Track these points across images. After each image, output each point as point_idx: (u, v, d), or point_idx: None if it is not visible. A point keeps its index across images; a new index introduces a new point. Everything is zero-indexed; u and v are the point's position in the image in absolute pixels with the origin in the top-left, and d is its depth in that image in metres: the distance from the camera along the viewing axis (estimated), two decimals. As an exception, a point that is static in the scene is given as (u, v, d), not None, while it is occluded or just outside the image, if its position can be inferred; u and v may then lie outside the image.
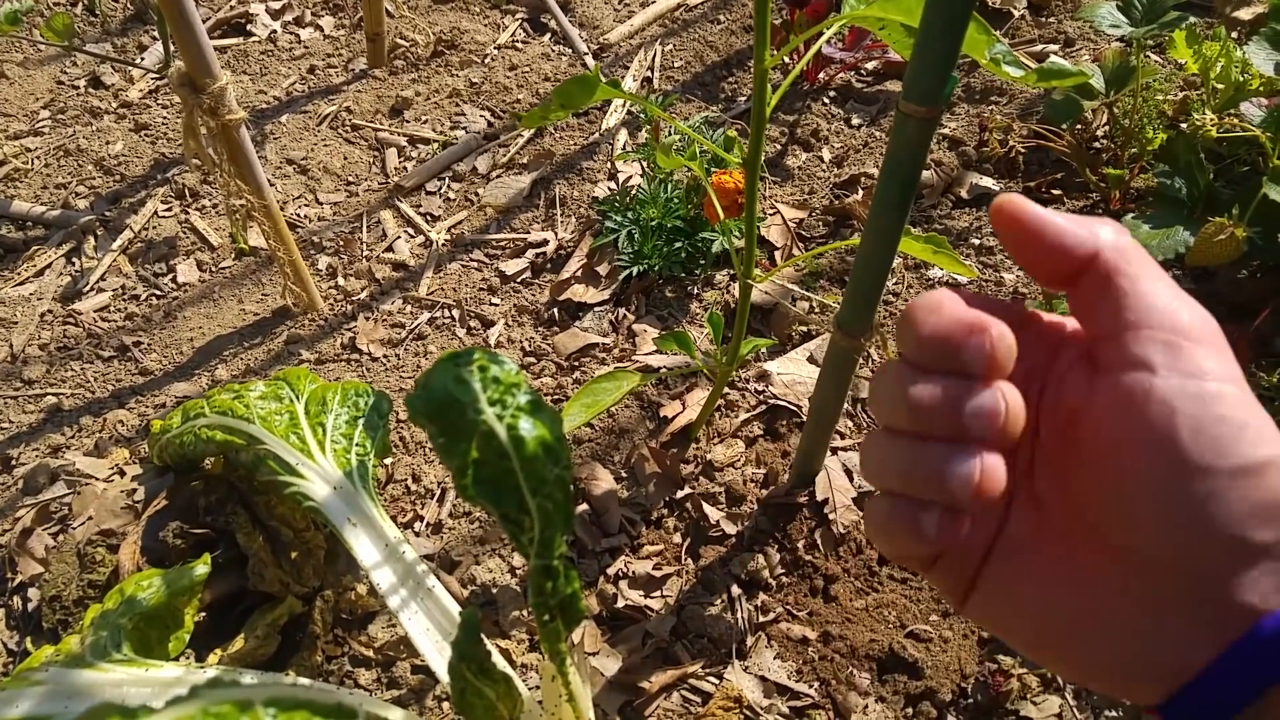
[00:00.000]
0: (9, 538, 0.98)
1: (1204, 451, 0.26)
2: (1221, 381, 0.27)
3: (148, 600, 0.78)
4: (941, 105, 0.54)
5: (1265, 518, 0.25)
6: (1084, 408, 0.29)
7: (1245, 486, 0.26)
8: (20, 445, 1.09)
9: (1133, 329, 0.28)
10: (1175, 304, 0.28)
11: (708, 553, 0.93)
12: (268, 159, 1.41)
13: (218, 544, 0.91)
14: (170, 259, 1.29)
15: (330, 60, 1.58)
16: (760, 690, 0.84)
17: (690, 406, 1.04)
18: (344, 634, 0.89)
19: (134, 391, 1.14)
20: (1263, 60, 0.99)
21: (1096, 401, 0.29)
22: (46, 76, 1.58)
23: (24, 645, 0.91)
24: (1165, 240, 0.98)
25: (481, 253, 1.27)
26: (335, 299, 1.23)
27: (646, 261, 1.17)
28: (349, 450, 0.86)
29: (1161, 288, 0.28)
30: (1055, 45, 1.44)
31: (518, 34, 1.61)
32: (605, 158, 1.37)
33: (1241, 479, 0.26)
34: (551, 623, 0.51)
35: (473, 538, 0.96)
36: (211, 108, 0.94)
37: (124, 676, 0.70)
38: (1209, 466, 0.26)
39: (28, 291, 1.26)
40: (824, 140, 1.36)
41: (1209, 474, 0.26)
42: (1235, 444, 0.26)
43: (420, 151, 1.43)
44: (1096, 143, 1.25)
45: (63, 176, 1.41)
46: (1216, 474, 0.26)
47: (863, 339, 0.72)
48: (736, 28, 1.56)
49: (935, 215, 1.24)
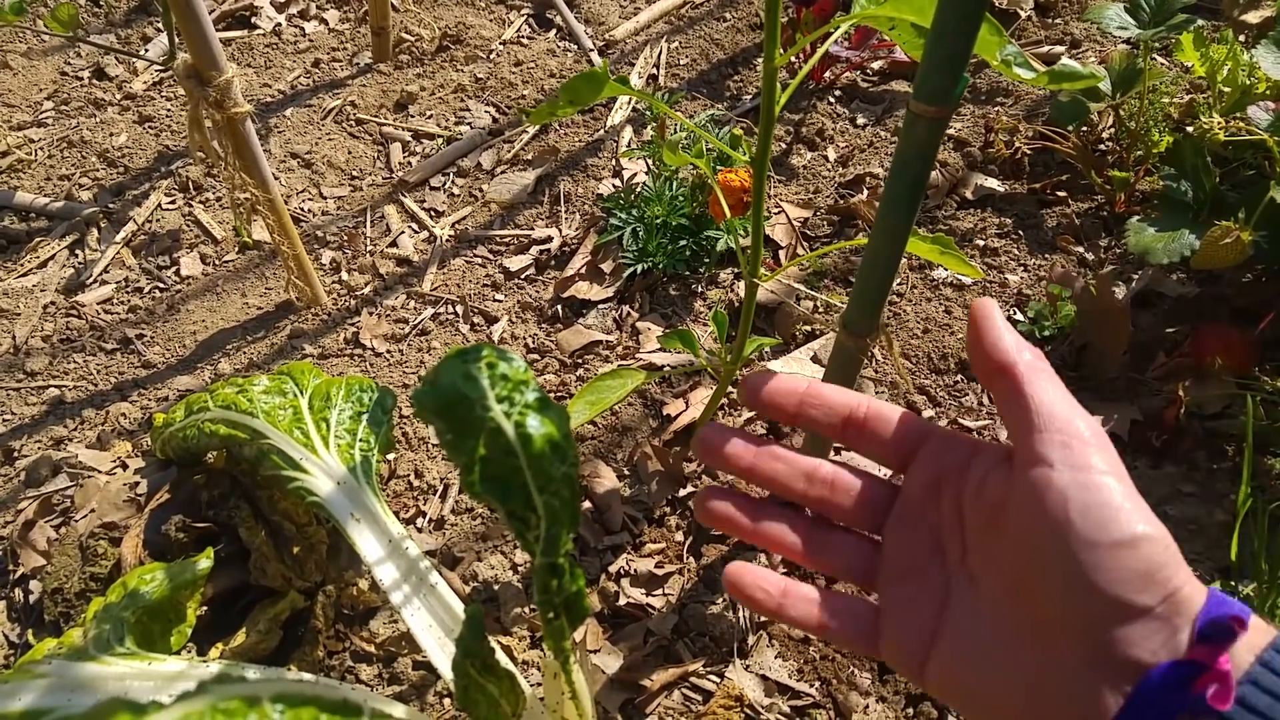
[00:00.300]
0: (11, 530, 0.98)
1: (1089, 529, 0.32)
2: (1104, 474, 0.33)
3: (150, 594, 0.78)
4: (952, 105, 0.54)
5: (1143, 583, 0.31)
6: (1004, 499, 0.36)
7: (1123, 557, 0.32)
8: (22, 437, 1.09)
9: (1037, 431, 0.35)
10: (1071, 412, 0.35)
11: (710, 551, 0.93)
12: (272, 153, 1.41)
13: (220, 538, 0.91)
14: (173, 252, 1.29)
15: (335, 54, 1.58)
16: (761, 689, 0.84)
17: (694, 405, 1.04)
18: (346, 629, 0.89)
19: (137, 384, 1.14)
20: (1270, 64, 0.99)
21: (1013, 493, 0.35)
22: (50, 67, 1.57)
23: (25, 638, 0.91)
24: (1171, 243, 0.98)
25: (485, 249, 1.27)
26: (339, 294, 1.23)
27: (651, 259, 1.16)
28: (353, 445, 0.86)
29: (1061, 399, 0.36)
30: (1062, 47, 1.44)
31: (523, 30, 1.61)
32: (610, 155, 1.37)
33: (1119, 550, 0.32)
34: (556, 620, 0.51)
35: (475, 534, 0.96)
36: (217, 100, 0.94)
37: (127, 670, 0.70)
38: (1094, 541, 0.32)
39: (31, 283, 1.26)
40: (829, 140, 1.36)
41: (1094, 547, 0.32)
42: (1114, 523, 0.32)
43: (425, 147, 1.42)
44: (1102, 145, 1.25)
45: (66, 168, 1.41)
46: (1099, 547, 0.32)
47: (868, 339, 0.72)
48: (743, 25, 1.56)
49: (940, 216, 1.24)
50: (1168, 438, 0.97)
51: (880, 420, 0.42)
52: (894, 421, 0.42)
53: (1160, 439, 0.98)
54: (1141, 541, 0.32)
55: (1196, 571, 0.88)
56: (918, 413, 1.04)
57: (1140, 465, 0.97)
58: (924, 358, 1.09)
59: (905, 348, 1.10)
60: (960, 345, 1.09)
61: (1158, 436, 0.98)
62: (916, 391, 1.06)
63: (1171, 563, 0.32)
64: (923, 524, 0.41)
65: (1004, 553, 0.36)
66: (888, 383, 1.07)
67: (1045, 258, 1.17)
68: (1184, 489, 0.95)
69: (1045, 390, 0.36)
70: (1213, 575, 0.88)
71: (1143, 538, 0.32)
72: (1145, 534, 0.32)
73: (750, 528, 0.43)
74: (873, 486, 0.43)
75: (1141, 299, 1.09)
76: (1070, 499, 0.33)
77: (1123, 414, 1.00)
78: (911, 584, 0.40)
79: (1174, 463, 0.97)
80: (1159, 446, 0.97)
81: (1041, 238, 1.20)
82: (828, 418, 0.42)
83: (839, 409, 0.42)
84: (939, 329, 1.11)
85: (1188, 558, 0.89)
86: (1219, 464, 0.97)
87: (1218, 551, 0.89)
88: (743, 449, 0.44)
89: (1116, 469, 0.34)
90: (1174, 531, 0.94)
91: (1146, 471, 0.96)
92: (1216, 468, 0.96)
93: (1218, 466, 0.96)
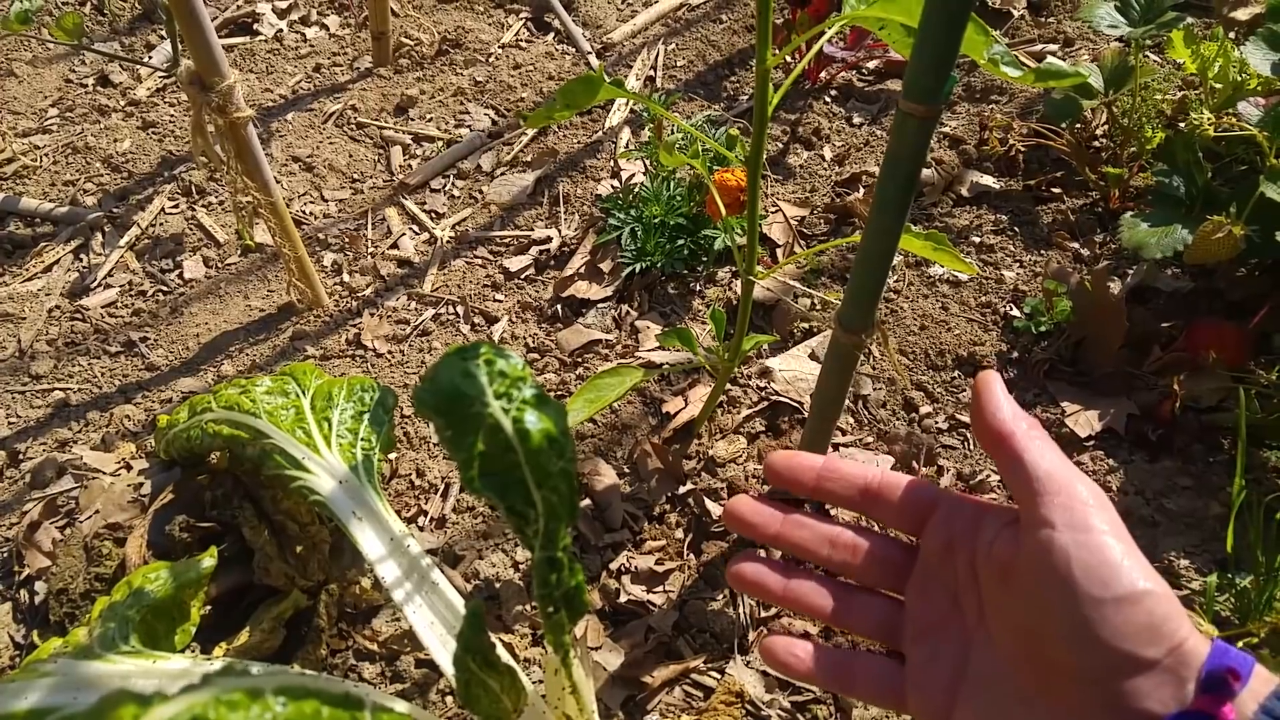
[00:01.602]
0: (17, 531, 0.99)
1: (1093, 586, 0.34)
2: (1105, 534, 0.35)
3: (155, 593, 0.79)
4: (941, 104, 0.55)
5: (1148, 637, 0.33)
6: (1013, 558, 0.38)
7: (1127, 612, 0.33)
8: (28, 440, 1.10)
9: (1039, 495, 0.37)
10: (1070, 476, 0.37)
11: (710, 548, 0.94)
12: (274, 156, 1.42)
13: (223, 538, 0.92)
14: (177, 255, 1.30)
15: (336, 59, 1.59)
16: (762, 685, 0.84)
17: (692, 403, 1.05)
18: (348, 628, 0.90)
19: (140, 387, 1.15)
20: (1260, 60, 1.00)
21: (1021, 553, 0.37)
22: (55, 75, 1.58)
23: (31, 638, 0.92)
24: (1164, 238, 0.99)
25: (486, 249, 1.28)
26: (340, 295, 1.24)
27: (649, 258, 1.17)
28: (354, 445, 0.87)
29: (1059, 463, 0.38)
30: (1055, 45, 1.44)
31: (521, 33, 1.62)
32: (608, 156, 1.38)
33: (1123, 606, 0.33)
34: (556, 615, 0.52)
35: (476, 532, 0.97)
36: (220, 106, 0.95)
37: (132, 668, 0.71)
38: (1098, 598, 0.34)
39: (36, 287, 1.27)
40: (825, 139, 1.36)
41: (1099, 604, 0.34)
42: (1116, 579, 0.34)
43: (425, 149, 1.43)
44: (1096, 141, 1.26)
45: (71, 174, 1.42)
46: (1103, 603, 0.34)
47: (864, 336, 0.73)
48: (739, 27, 1.57)
49: (936, 213, 1.25)
50: (1164, 431, 0.98)
51: (892, 489, 0.45)
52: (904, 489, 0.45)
53: (1156, 432, 0.98)
54: (1144, 597, 0.34)
55: (1194, 564, 0.89)
56: (915, 408, 1.04)
57: (1137, 459, 0.98)
58: (921, 354, 1.09)
59: (902, 344, 1.11)
60: (957, 341, 1.10)
61: (1154, 430, 0.98)
62: (914, 388, 1.06)
63: (1175, 616, 0.34)
64: (940, 584, 0.43)
65: (1016, 610, 0.38)
66: (885, 379, 1.08)
67: (1041, 254, 1.18)
68: (1181, 482, 0.95)
69: (1044, 456, 0.38)
70: (1210, 568, 0.88)
71: (1145, 593, 0.34)
72: (1147, 589, 0.34)
73: (780, 592, 0.46)
74: (892, 549, 0.46)
75: (1136, 294, 1.10)
76: (1073, 558, 0.35)
77: (1119, 408, 1.00)
78: (934, 641, 0.42)
79: (1170, 456, 0.97)
80: (1155, 440, 0.98)
81: (1037, 234, 1.20)
82: (845, 490, 0.46)
83: (855, 481, 0.45)
84: (935, 325, 1.12)
85: (1185, 550, 0.90)
86: (1215, 457, 0.97)
87: (1215, 544, 0.90)
88: (769, 517, 0.47)
89: (1117, 528, 0.36)
90: (1171, 524, 0.95)
91: (1143, 465, 0.97)
92: (1212, 460, 0.97)
93: (1214, 459, 0.97)
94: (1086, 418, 1.00)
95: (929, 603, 0.43)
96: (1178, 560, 0.89)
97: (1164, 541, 0.91)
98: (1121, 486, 0.96)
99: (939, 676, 0.41)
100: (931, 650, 0.42)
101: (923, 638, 0.43)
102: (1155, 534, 0.92)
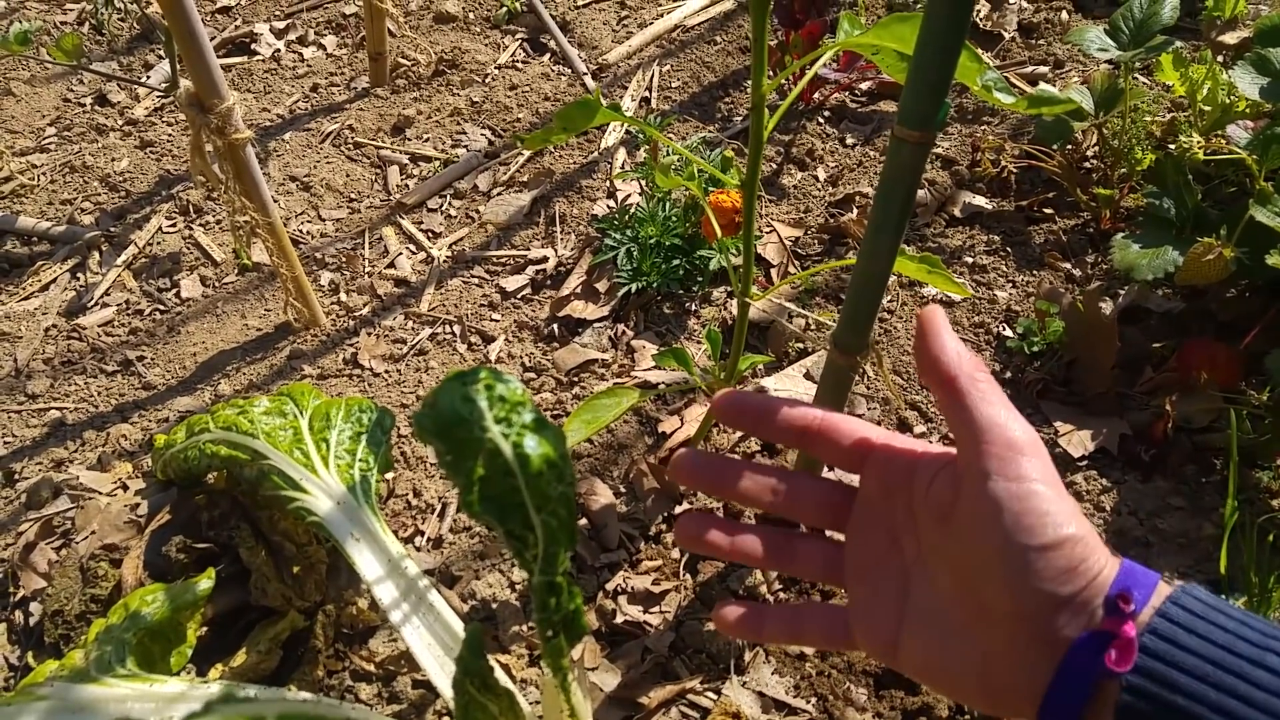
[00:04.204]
0: (12, 552, 0.99)
1: (1021, 533, 0.37)
2: (1036, 482, 0.38)
3: (151, 615, 0.79)
4: (935, 130, 0.56)
5: (1068, 578, 0.37)
6: (950, 502, 0.40)
7: (1051, 557, 0.36)
8: (23, 459, 1.09)
9: (976, 443, 0.39)
10: (1008, 421, 0.39)
11: (706, 568, 0.94)
12: (271, 176, 1.43)
13: (220, 559, 0.92)
14: (174, 274, 1.31)
15: (333, 79, 1.60)
16: (758, 705, 0.84)
17: (689, 422, 1.05)
18: (345, 648, 0.90)
19: (137, 406, 1.15)
20: (1248, 84, 1.01)
21: (958, 498, 0.40)
22: (53, 94, 1.59)
23: (25, 660, 0.92)
24: (1155, 260, 1.00)
25: (482, 269, 1.29)
26: (337, 314, 1.24)
27: (645, 279, 1.18)
28: (352, 465, 0.87)
29: (999, 410, 0.39)
30: (1045, 67, 1.46)
31: (518, 54, 1.63)
32: (604, 176, 1.39)
33: (1048, 552, 0.36)
34: (555, 639, 0.52)
35: (473, 553, 0.97)
36: (219, 127, 0.96)
37: (128, 691, 0.71)
38: (1025, 544, 0.37)
39: (32, 306, 1.27)
40: (819, 160, 1.38)
41: (1026, 550, 0.37)
42: (1043, 528, 0.37)
43: (422, 169, 1.44)
44: (1087, 163, 1.27)
45: (68, 193, 1.42)
46: (1031, 550, 0.37)
47: (859, 357, 0.73)
48: (733, 49, 1.58)
49: (929, 234, 1.26)
50: (1156, 451, 0.99)
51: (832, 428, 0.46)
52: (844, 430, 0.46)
53: (1149, 453, 0.99)
54: (1065, 542, 0.37)
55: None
56: (910, 429, 1.05)
57: (1129, 479, 0.98)
58: (914, 374, 1.10)
59: (896, 364, 1.12)
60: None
61: (1146, 450, 0.99)
62: (908, 407, 1.07)
63: (1092, 555, 0.37)
64: (879, 524, 0.45)
65: (953, 551, 0.40)
66: (879, 399, 1.08)
67: (1033, 274, 1.19)
68: (1173, 502, 0.96)
69: (983, 402, 0.40)
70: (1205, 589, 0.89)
71: (1067, 539, 0.37)
72: (1070, 535, 0.37)
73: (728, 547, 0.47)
74: (833, 492, 0.48)
75: (1128, 314, 1.11)
76: (1005, 508, 0.37)
77: (1111, 428, 1.01)
78: (874, 579, 0.45)
79: (1163, 476, 0.98)
80: (1148, 460, 0.99)
81: (1029, 254, 1.22)
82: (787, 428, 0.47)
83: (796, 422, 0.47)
84: (930, 345, 1.12)
85: (1178, 571, 0.90)
86: (1207, 477, 0.98)
87: (1208, 564, 0.90)
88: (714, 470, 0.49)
89: (1047, 474, 0.38)
90: (1164, 545, 0.95)
91: (1135, 485, 0.98)
92: (1205, 481, 0.98)
93: (1206, 480, 0.98)
94: (1080, 438, 1.01)
95: (869, 543, 0.45)
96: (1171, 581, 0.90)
97: (1157, 562, 0.91)
98: (1115, 507, 0.96)
99: (881, 612, 0.44)
100: (872, 588, 0.44)
101: (863, 575, 0.45)
102: (1149, 554, 0.92)
